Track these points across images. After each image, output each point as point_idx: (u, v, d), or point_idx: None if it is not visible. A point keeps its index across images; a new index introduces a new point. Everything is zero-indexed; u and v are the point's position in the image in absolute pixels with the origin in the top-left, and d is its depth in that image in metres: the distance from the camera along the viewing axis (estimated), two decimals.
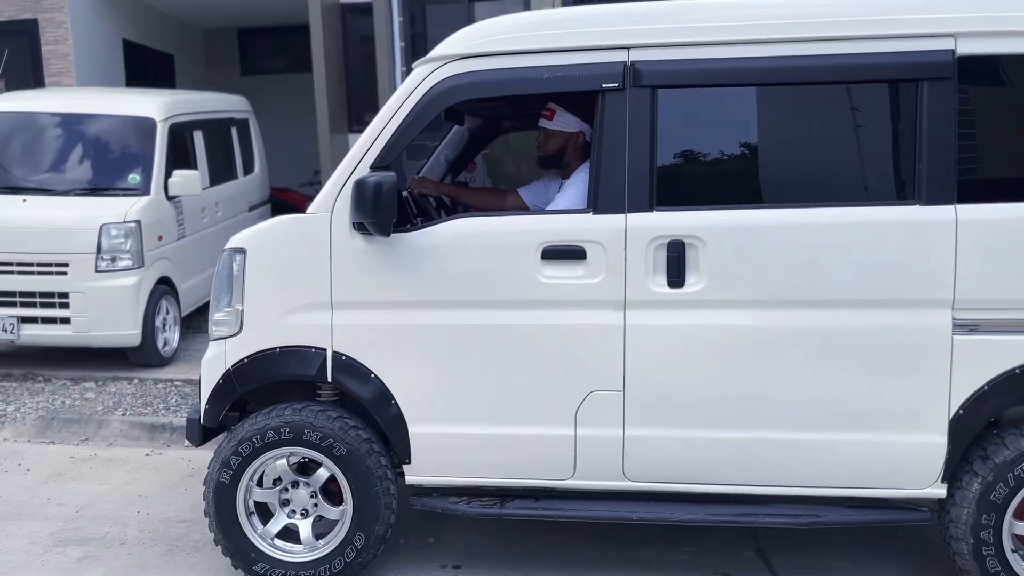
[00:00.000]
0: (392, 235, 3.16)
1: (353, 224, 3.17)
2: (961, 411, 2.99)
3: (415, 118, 3.17)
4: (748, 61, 3.01)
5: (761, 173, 3.16)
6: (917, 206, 2.97)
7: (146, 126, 6.64)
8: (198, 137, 7.32)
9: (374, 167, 3.18)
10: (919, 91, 2.96)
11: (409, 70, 3.26)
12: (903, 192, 3.02)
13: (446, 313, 3.19)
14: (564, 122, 3.63)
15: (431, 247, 3.18)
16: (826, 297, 3.01)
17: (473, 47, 3.14)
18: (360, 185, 3.04)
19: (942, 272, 2.95)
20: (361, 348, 3.25)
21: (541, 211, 3.57)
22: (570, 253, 3.11)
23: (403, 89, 3.21)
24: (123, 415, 5.49)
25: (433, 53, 3.22)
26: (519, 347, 3.16)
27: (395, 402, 3.24)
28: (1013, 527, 3.06)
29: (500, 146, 5.80)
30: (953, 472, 3.07)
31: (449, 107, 3.23)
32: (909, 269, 2.97)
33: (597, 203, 3.11)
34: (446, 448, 3.25)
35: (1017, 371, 2.96)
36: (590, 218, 3.11)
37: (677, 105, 3.09)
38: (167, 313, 6.48)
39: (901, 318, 2.99)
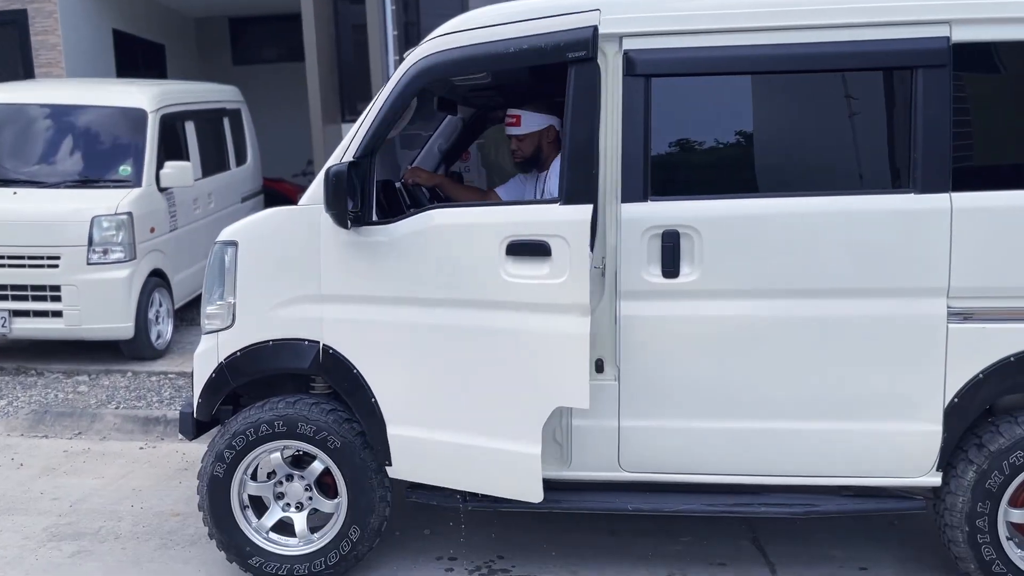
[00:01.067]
0: (370, 227, 3.10)
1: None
2: (956, 399, 2.99)
3: (391, 105, 3.12)
4: (743, 49, 2.99)
5: (756, 162, 3.14)
6: (912, 194, 2.95)
7: (137, 117, 6.59)
8: (190, 128, 7.28)
9: (357, 156, 3.12)
10: (914, 78, 2.94)
11: (402, 59, 3.23)
12: (898, 180, 3.01)
13: (418, 311, 3.09)
14: (532, 122, 3.64)
15: (402, 240, 3.10)
16: (821, 286, 3.00)
17: (449, 27, 3.12)
18: (323, 176, 3.04)
19: (937, 260, 2.94)
20: (345, 343, 3.23)
21: (513, 202, 3.54)
22: (534, 248, 2.92)
23: (391, 79, 3.19)
24: (116, 408, 5.47)
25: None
26: (483, 353, 3.00)
27: (375, 401, 3.20)
28: (1008, 515, 3.07)
29: (493, 135, 5.78)
30: (948, 460, 3.07)
31: (433, 94, 3.22)
32: (904, 258, 2.95)
33: (567, 192, 2.90)
34: (421, 453, 3.18)
35: (1012, 359, 2.96)
36: (557, 209, 2.93)
37: (670, 94, 3.06)
38: (160, 305, 6.45)
39: (896, 307, 2.98)
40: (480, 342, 3.00)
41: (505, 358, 2.97)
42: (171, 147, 6.86)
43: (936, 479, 3.07)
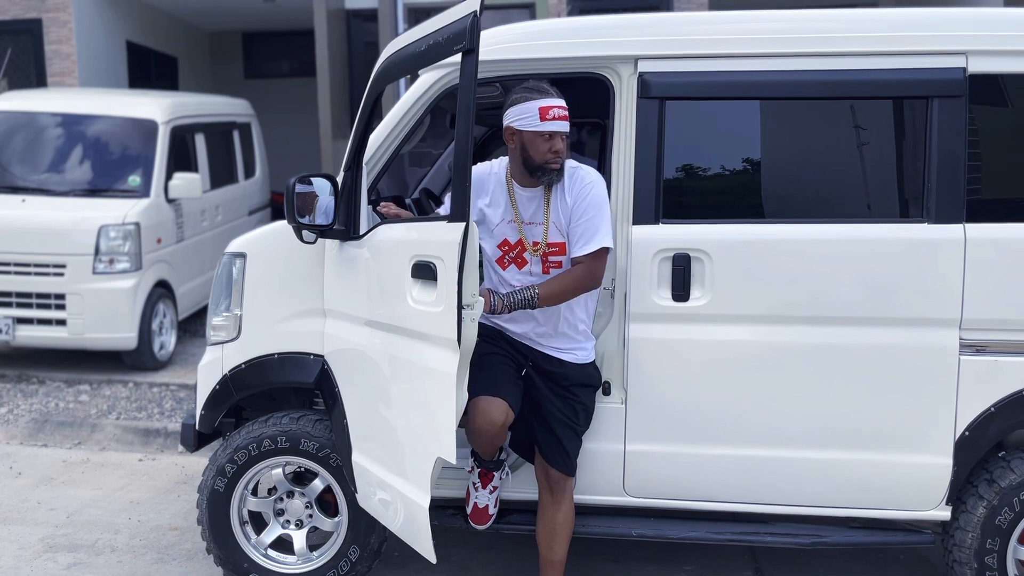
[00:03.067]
0: (349, 242, 3.04)
1: None
2: (967, 432, 2.95)
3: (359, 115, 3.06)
4: (758, 75, 2.98)
5: (769, 188, 3.12)
6: (925, 224, 2.93)
7: (148, 128, 6.61)
8: (200, 140, 7.30)
9: (344, 169, 3.08)
10: (929, 108, 2.93)
11: (415, 76, 3.23)
12: (911, 210, 2.99)
13: (364, 331, 2.98)
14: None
15: (356, 256, 3.03)
16: (832, 314, 2.97)
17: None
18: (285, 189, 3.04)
19: (950, 291, 2.91)
20: (332, 359, 3.21)
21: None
22: (426, 270, 2.60)
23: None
24: (117, 419, 5.44)
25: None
26: (399, 384, 2.81)
27: (346, 423, 3.12)
28: (1017, 552, 3.02)
29: (503, 155, 5.78)
30: (958, 495, 3.03)
31: (446, 111, 3.19)
32: (916, 288, 2.93)
33: (451, 207, 2.55)
34: (366, 483, 3.03)
35: None
36: (442, 226, 2.54)
37: (683, 119, 3.05)
38: (164, 316, 6.44)
39: (907, 337, 2.95)
40: (396, 371, 2.81)
41: (410, 393, 2.75)
42: (181, 159, 6.88)
43: (945, 513, 3.03)
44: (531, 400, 2.98)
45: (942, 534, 3.14)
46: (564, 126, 2.79)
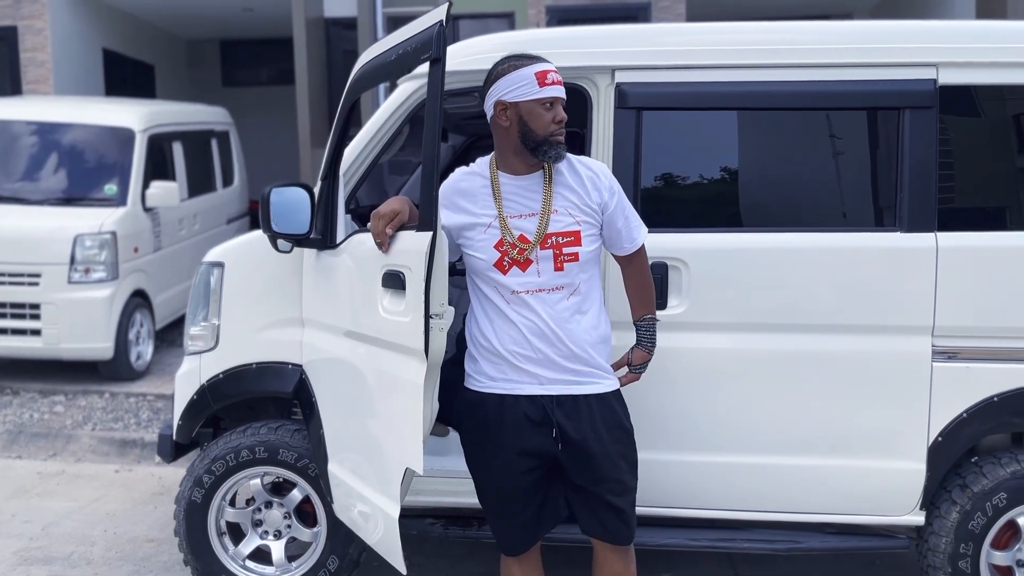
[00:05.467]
0: (326, 251, 3.02)
1: None
2: (940, 438, 2.99)
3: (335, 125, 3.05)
4: (734, 85, 3.02)
5: (745, 197, 3.16)
6: (898, 233, 2.98)
7: (124, 136, 6.57)
8: (177, 148, 7.26)
9: (321, 178, 3.07)
10: (901, 119, 2.98)
11: (393, 85, 3.24)
12: (885, 219, 3.03)
13: (342, 341, 2.94)
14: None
15: (332, 265, 3.01)
16: (807, 322, 3.00)
17: (453, 65, 3.10)
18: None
19: (922, 299, 2.96)
20: (309, 369, 3.20)
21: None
22: (395, 280, 2.53)
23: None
24: (92, 430, 5.39)
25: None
26: (373, 393, 2.76)
27: (322, 433, 3.09)
28: (991, 557, 3.06)
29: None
30: (931, 500, 3.06)
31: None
32: (889, 296, 2.97)
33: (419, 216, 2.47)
34: (343, 494, 2.99)
35: (995, 399, 2.97)
36: (412, 236, 2.47)
37: (660, 128, 3.08)
38: (141, 326, 6.39)
39: (881, 344, 2.99)
40: (368, 380, 2.78)
41: (382, 403, 2.72)
42: (158, 167, 6.84)
43: (919, 518, 3.06)
44: (564, 471, 2.54)
45: (917, 539, 3.17)
46: (563, 92, 2.51)
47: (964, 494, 3.03)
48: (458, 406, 2.63)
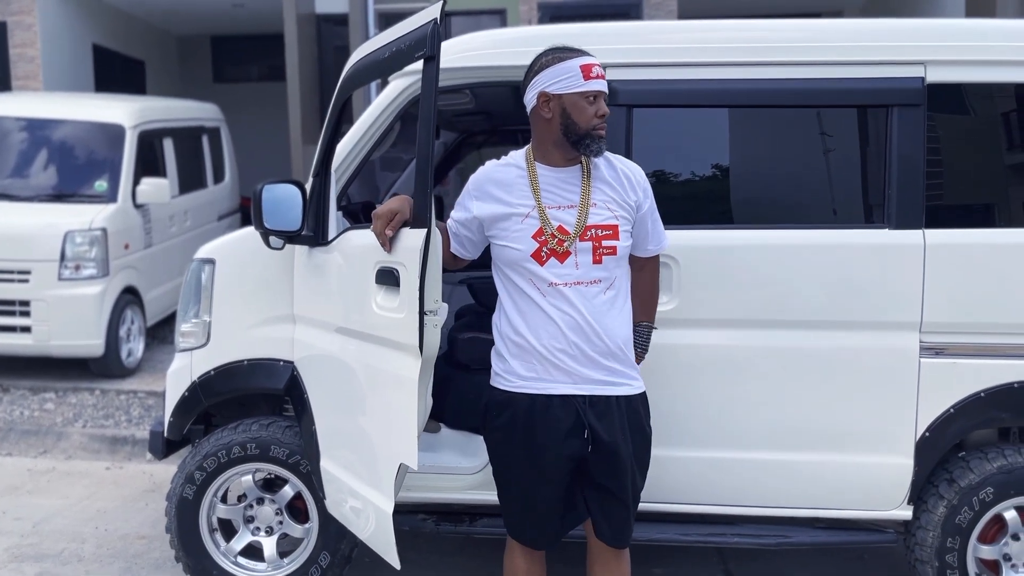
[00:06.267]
0: (318, 248, 3.03)
1: None
2: (927, 433, 3.01)
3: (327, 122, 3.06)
4: (725, 83, 3.03)
5: (734, 194, 3.17)
6: (886, 230, 3.00)
7: (115, 133, 6.55)
8: (168, 145, 7.24)
9: (313, 175, 3.07)
10: (889, 117, 3.00)
11: (385, 82, 3.24)
12: (872, 216, 3.05)
13: (334, 337, 2.96)
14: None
15: (325, 262, 3.02)
16: (796, 318, 3.02)
17: (445, 62, 3.11)
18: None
19: (910, 295, 2.98)
20: (301, 365, 3.20)
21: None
22: (389, 276, 2.59)
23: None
24: (83, 427, 5.38)
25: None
26: (365, 389, 2.79)
27: (315, 429, 3.10)
28: (977, 551, 3.09)
29: (474, 161, 5.80)
30: (919, 495, 3.09)
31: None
32: (877, 292, 2.99)
33: (414, 211, 2.51)
34: (336, 490, 2.99)
35: (982, 394, 2.99)
36: (406, 233, 2.53)
37: (651, 126, 3.09)
38: (132, 323, 6.37)
39: (869, 340, 3.01)
40: (362, 377, 2.80)
41: (375, 399, 2.74)
42: (148, 164, 6.82)
43: (907, 513, 3.09)
44: (588, 471, 2.54)
45: (904, 533, 3.20)
46: (606, 87, 2.49)
47: (951, 489, 3.05)
48: (485, 404, 2.61)
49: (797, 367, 3.03)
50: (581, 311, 2.46)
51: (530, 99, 2.51)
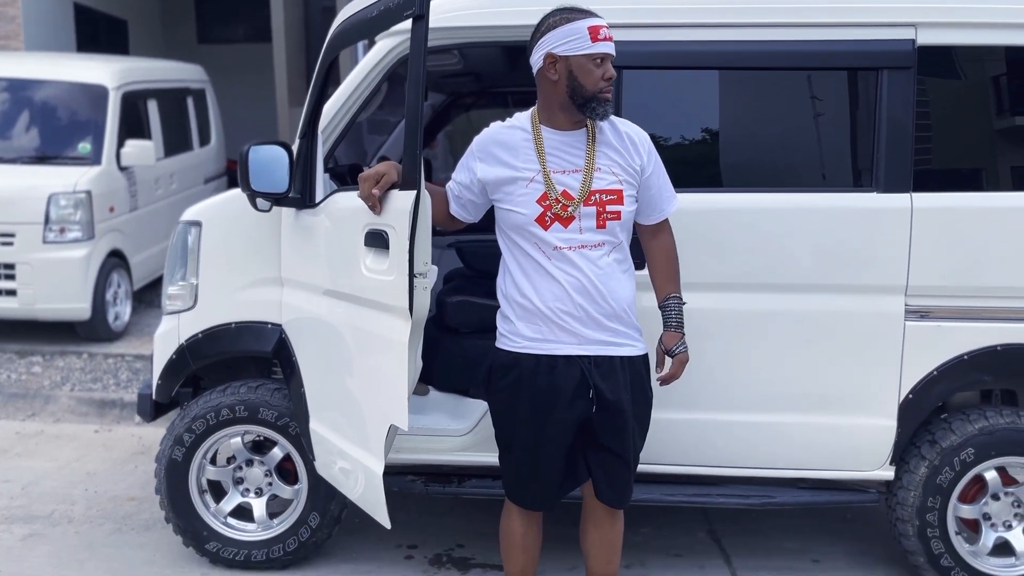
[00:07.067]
0: (304, 210, 3.02)
1: None
2: (911, 395, 3.05)
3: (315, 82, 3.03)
4: (714, 45, 3.01)
5: (723, 157, 3.17)
6: (874, 193, 3.00)
7: (98, 93, 6.45)
8: (152, 106, 7.14)
9: (299, 136, 3.04)
10: (879, 79, 2.99)
11: (371, 43, 3.19)
12: (861, 179, 3.05)
13: (321, 300, 2.96)
14: None
15: (313, 224, 3.01)
16: (784, 281, 3.04)
17: (433, 22, 3.06)
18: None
19: (896, 259, 2.99)
20: (289, 328, 3.20)
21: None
22: (378, 239, 2.57)
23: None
24: (71, 390, 5.37)
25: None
26: (353, 352, 2.81)
27: (303, 391, 3.11)
28: (958, 510, 3.14)
29: (462, 123, 5.76)
30: (901, 456, 3.13)
31: (404, 77, 3.13)
32: (864, 255, 3.00)
33: (403, 173, 2.49)
34: (325, 451, 3.02)
35: (965, 357, 3.02)
36: (396, 195, 2.51)
37: (639, 88, 3.07)
38: (118, 286, 6.33)
39: (855, 303, 3.03)
40: (351, 339, 2.80)
41: (365, 361, 2.74)
42: (133, 125, 6.73)
43: (889, 473, 3.13)
44: (592, 433, 2.56)
45: (886, 493, 3.25)
46: (614, 49, 2.46)
47: (933, 449, 3.10)
48: (489, 366, 2.62)
49: (783, 330, 3.05)
50: (587, 274, 2.47)
51: (536, 60, 2.48)
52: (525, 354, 2.52)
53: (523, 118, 2.56)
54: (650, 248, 2.68)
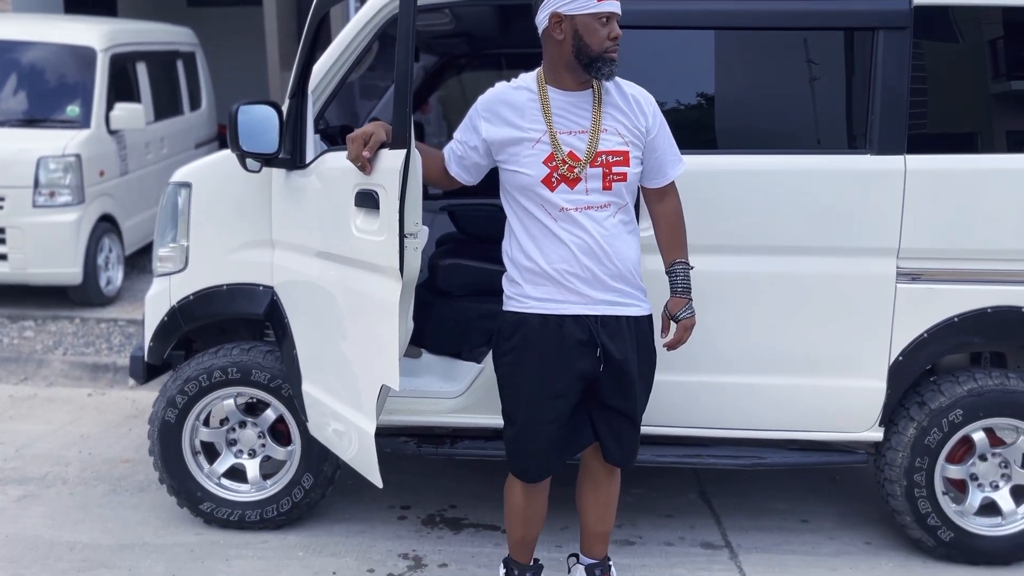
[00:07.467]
0: (295, 171, 2.99)
1: None
2: (901, 357, 3.06)
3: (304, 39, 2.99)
4: (708, 4, 2.98)
5: (717, 119, 3.15)
6: (868, 155, 2.99)
7: (86, 55, 6.36)
8: (141, 69, 7.05)
9: (289, 96, 3.01)
10: (875, 40, 2.96)
11: (361, 3, 3.15)
12: (855, 141, 3.04)
13: (313, 261, 2.95)
14: None
15: (304, 185, 2.99)
16: (777, 243, 3.03)
17: None
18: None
19: (889, 221, 2.99)
20: (281, 290, 3.19)
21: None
22: (368, 199, 2.56)
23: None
24: (64, 355, 5.37)
25: None
26: (345, 313, 2.80)
27: (295, 353, 3.11)
28: (945, 470, 3.17)
29: (456, 87, 5.71)
30: (890, 417, 3.16)
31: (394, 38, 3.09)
32: (857, 217, 3.00)
33: (392, 132, 2.49)
34: (319, 413, 3.04)
35: (956, 319, 3.03)
36: (386, 154, 2.50)
37: (633, 48, 3.03)
38: (110, 251, 6.30)
39: (847, 266, 3.03)
40: (342, 300, 2.80)
41: (356, 322, 2.74)
42: (122, 89, 6.65)
43: (878, 435, 3.16)
44: (598, 393, 2.57)
45: (875, 455, 3.28)
46: (619, 8, 2.45)
47: (922, 411, 3.12)
48: (496, 330, 2.61)
49: (775, 293, 3.05)
50: (593, 235, 2.47)
51: (542, 20, 2.46)
52: (532, 314, 2.52)
53: (529, 78, 2.54)
54: (656, 213, 2.68)
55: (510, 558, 2.86)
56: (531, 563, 2.87)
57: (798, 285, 3.04)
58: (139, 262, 7.14)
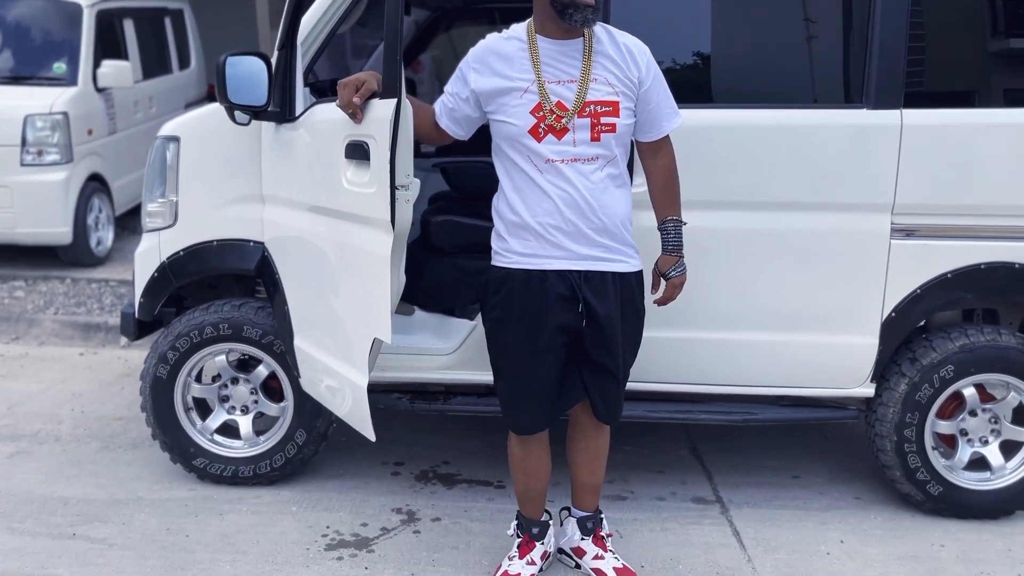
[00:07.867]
0: (285, 124, 2.95)
1: None
2: (893, 314, 3.06)
3: None
4: None
5: (712, 73, 3.11)
6: (864, 110, 2.96)
7: (72, 11, 6.26)
8: (129, 27, 6.94)
9: (277, 48, 2.96)
10: None
11: None
12: (851, 95, 3.01)
13: (302, 215, 2.92)
14: None
15: (294, 138, 2.95)
16: (771, 199, 3.02)
17: None
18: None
19: (884, 177, 2.97)
20: (272, 246, 3.17)
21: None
22: (359, 150, 2.54)
23: None
24: (55, 314, 5.34)
25: None
26: (336, 267, 2.78)
27: (287, 309, 3.10)
28: (935, 426, 3.19)
29: (447, 44, 5.63)
30: (882, 373, 3.17)
31: None
32: (852, 173, 2.98)
33: (383, 82, 2.45)
34: (311, 369, 3.03)
35: (949, 275, 3.03)
36: (376, 104, 2.47)
37: (628, 1, 2.99)
38: (100, 211, 6.25)
39: (842, 221, 3.02)
40: (333, 254, 2.78)
41: (348, 276, 2.72)
42: (109, 46, 6.55)
43: (869, 390, 3.17)
44: (583, 348, 2.57)
45: (866, 410, 3.29)
46: None
47: (913, 367, 3.13)
48: (484, 284, 2.61)
49: (770, 248, 3.04)
50: (579, 188, 2.44)
51: None
52: (516, 269, 2.53)
53: (519, 29, 2.52)
54: (650, 168, 2.65)
55: (519, 512, 2.89)
56: (540, 519, 2.88)
57: (792, 241, 3.03)
58: (130, 223, 7.08)
